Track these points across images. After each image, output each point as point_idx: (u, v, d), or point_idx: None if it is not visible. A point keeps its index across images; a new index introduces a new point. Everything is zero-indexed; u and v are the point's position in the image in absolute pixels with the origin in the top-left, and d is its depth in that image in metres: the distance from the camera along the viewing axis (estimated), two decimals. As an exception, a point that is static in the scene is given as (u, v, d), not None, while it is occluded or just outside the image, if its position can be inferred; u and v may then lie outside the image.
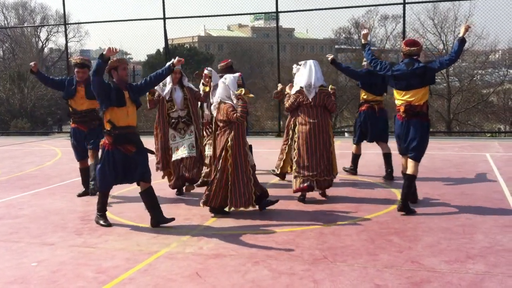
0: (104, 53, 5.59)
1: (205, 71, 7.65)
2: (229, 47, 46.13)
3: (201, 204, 6.39)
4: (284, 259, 4.80)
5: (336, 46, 38.69)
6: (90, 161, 7.51)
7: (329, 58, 7.70)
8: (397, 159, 7.38)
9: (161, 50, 33.65)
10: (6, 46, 43.66)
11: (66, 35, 18.08)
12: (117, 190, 7.88)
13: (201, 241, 5.40)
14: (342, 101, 29.50)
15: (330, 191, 7.27)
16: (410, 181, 6.33)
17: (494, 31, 41.08)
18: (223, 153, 6.19)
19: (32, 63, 7.37)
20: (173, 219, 6.01)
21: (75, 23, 40.59)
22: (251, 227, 5.85)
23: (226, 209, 6.36)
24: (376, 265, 4.59)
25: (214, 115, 6.48)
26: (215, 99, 6.50)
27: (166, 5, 15.18)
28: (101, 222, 6.05)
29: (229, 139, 6.16)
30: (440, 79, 28.91)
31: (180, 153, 7.16)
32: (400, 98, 6.32)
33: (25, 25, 47.45)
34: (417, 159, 6.32)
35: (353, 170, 8.64)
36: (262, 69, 33.35)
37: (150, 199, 5.95)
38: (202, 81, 7.71)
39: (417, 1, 17.33)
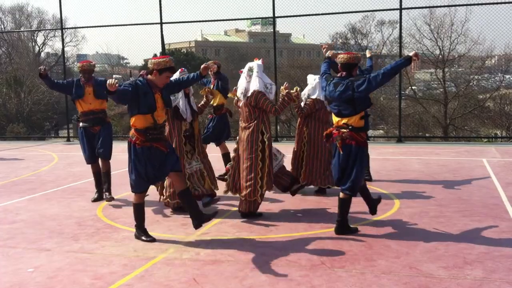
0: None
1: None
2: (226, 52, 46.14)
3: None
4: (282, 265, 4.80)
5: (333, 51, 38.76)
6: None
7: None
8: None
9: (158, 55, 33.65)
10: (3, 51, 43.53)
11: (62, 40, 18.14)
12: (114, 195, 7.86)
13: (198, 247, 5.39)
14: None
15: (326, 197, 7.29)
16: None
17: (490, 37, 41.15)
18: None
19: (41, 67, 7.25)
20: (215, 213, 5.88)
21: (72, 28, 40.55)
22: (248, 233, 5.84)
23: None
24: (374, 271, 4.59)
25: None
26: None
27: (163, 10, 15.26)
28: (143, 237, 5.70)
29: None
30: (437, 85, 28.94)
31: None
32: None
33: (22, 30, 47.43)
34: None
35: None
36: (259, 74, 33.39)
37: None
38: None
39: (414, 6, 17.44)
